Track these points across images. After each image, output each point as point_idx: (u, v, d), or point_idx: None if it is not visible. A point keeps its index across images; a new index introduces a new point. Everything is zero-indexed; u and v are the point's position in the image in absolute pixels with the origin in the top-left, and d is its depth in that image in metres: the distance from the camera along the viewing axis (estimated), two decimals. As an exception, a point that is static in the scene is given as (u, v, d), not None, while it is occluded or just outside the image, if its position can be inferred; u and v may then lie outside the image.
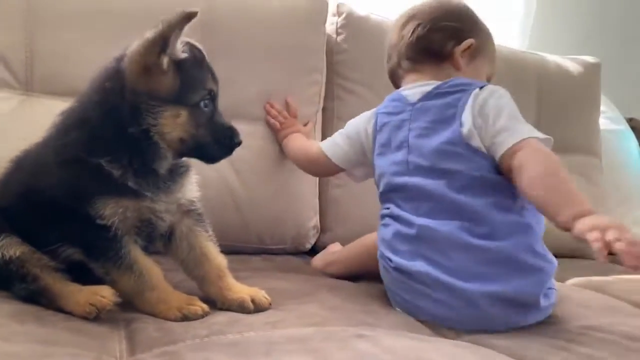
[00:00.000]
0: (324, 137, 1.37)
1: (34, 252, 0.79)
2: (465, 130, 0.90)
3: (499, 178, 0.88)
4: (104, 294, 0.75)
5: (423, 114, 0.96)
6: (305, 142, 1.24)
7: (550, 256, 0.89)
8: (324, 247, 1.33)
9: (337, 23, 1.41)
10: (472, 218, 0.87)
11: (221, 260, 0.86)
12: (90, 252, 0.78)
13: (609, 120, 1.87)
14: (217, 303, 0.83)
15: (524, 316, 0.85)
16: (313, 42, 1.33)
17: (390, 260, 0.92)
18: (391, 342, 0.70)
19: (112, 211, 0.76)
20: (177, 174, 0.83)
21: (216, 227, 1.17)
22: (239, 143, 0.83)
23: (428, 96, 0.97)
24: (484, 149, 0.89)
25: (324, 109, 1.39)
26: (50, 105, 1.03)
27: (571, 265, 1.46)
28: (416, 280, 0.88)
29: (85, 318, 0.74)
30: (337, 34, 1.41)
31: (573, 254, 1.57)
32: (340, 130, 1.11)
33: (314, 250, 1.34)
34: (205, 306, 0.80)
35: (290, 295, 0.91)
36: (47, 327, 0.69)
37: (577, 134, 1.68)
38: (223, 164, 1.18)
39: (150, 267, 0.80)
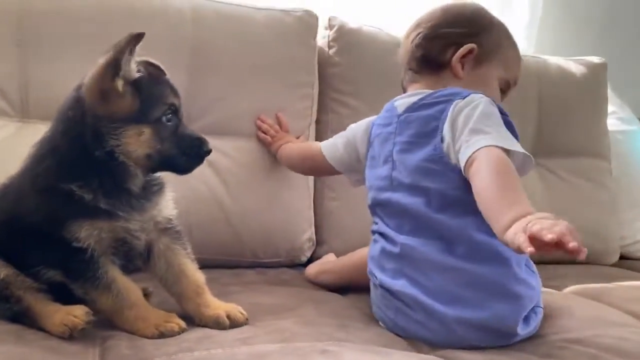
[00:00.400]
0: (317, 150, 1.40)
1: (18, 274, 0.82)
2: (444, 145, 0.86)
3: (472, 198, 0.82)
4: (77, 314, 0.78)
5: (406, 127, 0.93)
6: (301, 144, 1.26)
7: (534, 281, 0.88)
8: (320, 260, 1.35)
9: (328, 36, 1.43)
10: (451, 238, 0.85)
11: (199, 277, 0.88)
12: (69, 274, 0.81)
13: (620, 121, 1.82)
14: (195, 319, 0.85)
15: (501, 341, 0.84)
16: (302, 56, 1.35)
17: (376, 277, 0.93)
18: (352, 357, 0.71)
19: (86, 234, 0.79)
20: (150, 192, 0.86)
21: (209, 242, 1.23)
22: (209, 151, 0.85)
23: (412, 107, 0.94)
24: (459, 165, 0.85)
25: (317, 122, 1.41)
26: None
27: (575, 271, 1.43)
28: (398, 299, 0.89)
29: (61, 337, 0.77)
30: (329, 47, 1.42)
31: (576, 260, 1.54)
32: (341, 133, 1.11)
33: (310, 263, 1.35)
34: (182, 323, 0.82)
35: (271, 310, 0.93)
36: (25, 346, 0.73)
37: (583, 137, 1.64)
38: (212, 179, 1.24)
39: (128, 286, 0.82)
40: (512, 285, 0.83)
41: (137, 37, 0.76)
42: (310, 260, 1.36)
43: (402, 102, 0.97)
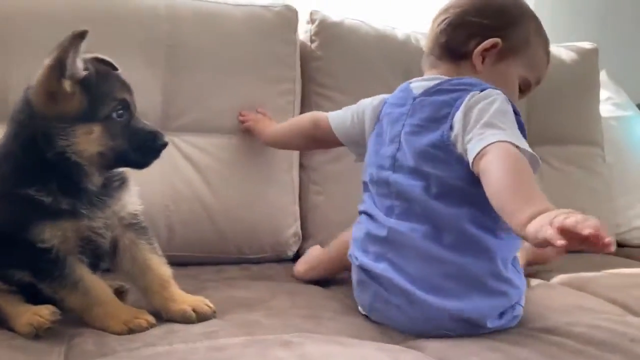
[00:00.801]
0: (301, 146, 1.40)
1: None
2: (453, 134, 0.84)
3: (478, 190, 0.80)
4: (42, 314, 0.79)
5: (419, 110, 0.90)
6: (290, 120, 1.26)
7: (518, 280, 0.86)
8: (307, 254, 1.35)
9: (310, 30, 1.43)
10: (442, 226, 0.84)
11: (164, 271, 0.88)
12: (36, 274, 0.82)
13: (615, 107, 1.79)
14: (162, 314, 0.85)
15: (471, 330, 0.83)
16: (283, 51, 1.35)
17: (357, 259, 0.92)
18: (312, 348, 0.71)
19: (50, 235, 0.79)
20: (111, 188, 0.86)
21: (193, 240, 1.24)
22: (164, 144, 0.85)
23: (429, 92, 0.91)
24: (465, 157, 0.82)
25: (301, 117, 1.41)
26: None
27: (568, 261, 1.41)
28: (377, 282, 0.88)
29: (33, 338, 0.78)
30: (311, 41, 1.42)
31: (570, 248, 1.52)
32: (350, 106, 1.10)
33: (298, 257, 1.35)
34: (151, 319, 0.82)
35: (243, 304, 0.93)
36: (-9, 345, 0.74)
37: (574, 124, 1.62)
38: (194, 177, 1.24)
39: (96, 284, 0.83)
40: (495, 282, 0.83)
41: (80, 36, 0.76)
42: (298, 254, 1.36)
43: (418, 84, 0.95)
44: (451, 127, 0.85)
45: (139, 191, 0.91)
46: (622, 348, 0.77)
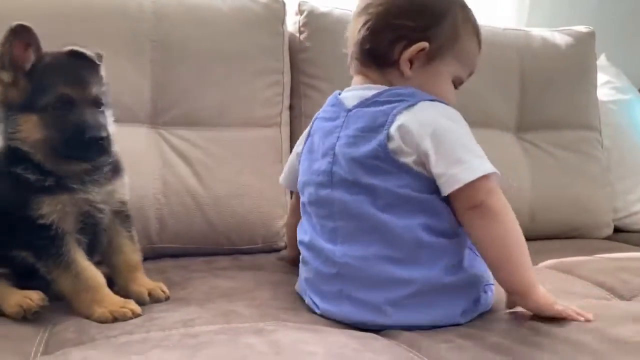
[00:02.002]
0: (292, 135, 1.41)
1: None
2: (393, 145, 0.81)
3: (429, 197, 0.80)
4: (32, 298, 0.83)
5: (354, 121, 0.86)
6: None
7: (478, 263, 0.84)
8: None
9: (299, 22, 1.43)
10: (393, 240, 0.80)
11: (134, 257, 0.94)
12: (35, 252, 0.85)
13: (615, 90, 1.77)
14: (120, 292, 0.90)
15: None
16: (270, 43, 1.36)
17: (318, 306, 0.87)
18: (283, 335, 0.72)
19: (49, 209, 0.83)
20: (102, 171, 0.89)
21: (184, 232, 1.25)
22: (96, 138, 0.84)
23: (365, 103, 0.87)
24: (413, 166, 0.81)
25: (291, 107, 1.42)
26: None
27: (564, 246, 1.41)
28: (345, 324, 0.84)
29: (16, 319, 0.82)
30: (300, 32, 1.43)
31: (567, 235, 1.52)
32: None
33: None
34: (137, 309, 0.84)
35: (226, 294, 0.95)
36: (-24, 331, 0.77)
37: (570, 109, 1.61)
38: (184, 170, 1.26)
39: (88, 268, 0.86)
40: (457, 280, 0.81)
41: (14, 30, 0.81)
42: (291, 245, 1.37)
43: (350, 94, 0.91)
44: (388, 137, 0.81)
45: (130, 183, 0.95)
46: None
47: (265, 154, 1.34)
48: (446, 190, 0.78)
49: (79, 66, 0.87)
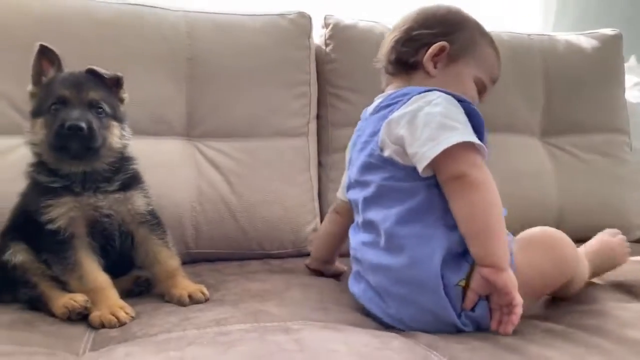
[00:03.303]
0: (319, 144, 1.47)
1: (34, 260, 0.95)
2: (381, 142, 0.90)
3: (410, 185, 0.85)
4: (77, 299, 0.90)
5: (366, 128, 0.96)
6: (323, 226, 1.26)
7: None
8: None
9: (325, 35, 1.49)
10: (378, 231, 0.88)
11: (172, 263, 1.01)
12: (50, 257, 0.94)
13: (645, 92, 1.76)
14: (165, 297, 0.98)
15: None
16: (298, 56, 1.42)
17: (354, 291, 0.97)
18: (308, 334, 0.77)
19: (57, 213, 0.91)
20: (111, 180, 0.97)
21: (218, 237, 1.32)
22: (75, 127, 0.90)
23: (376, 109, 0.97)
24: (397, 158, 0.87)
25: (318, 117, 1.47)
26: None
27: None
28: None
29: (67, 320, 0.89)
30: (326, 45, 1.48)
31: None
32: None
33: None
34: (123, 317, 0.88)
35: (258, 295, 1.01)
36: (29, 331, 0.84)
37: (596, 112, 1.61)
38: (217, 178, 1.33)
39: (91, 271, 0.93)
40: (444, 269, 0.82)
41: (40, 50, 0.95)
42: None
43: (372, 105, 1.01)
44: (380, 137, 0.90)
45: (159, 193, 1.05)
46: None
47: (293, 162, 1.40)
48: (419, 167, 0.83)
49: (86, 78, 0.96)
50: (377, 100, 1.00)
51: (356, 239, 0.96)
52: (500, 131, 1.48)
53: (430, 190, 0.85)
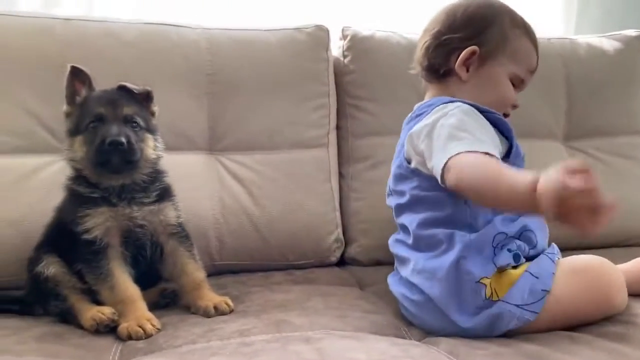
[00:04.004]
0: (340, 156, 1.48)
1: (66, 273, 0.99)
2: (407, 154, 0.96)
3: (435, 195, 0.91)
4: (104, 312, 0.93)
5: (401, 138, 1.02)
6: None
7: (503, 257, 0.86)
8: (352, 259, 1.42)
9: (343, 46, 1.50)
10: (408, 232, 0.96)
11: (197, 275, 1.04)
12: (84, 266, 0.97)
13: (670, 92, 1.71)
14: (191, 309, 1.01)
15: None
16: (316, 68, 1.44)
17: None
18: (329, 343, 0.79)
19: (93, 223, 0.95)
20: (146, 192, 1.01)
21: (241, 249, 1.34)
22: (115, 142, 0.94)
23: (409, 119, 1.02)
24: (422, 169, 0.93)
25: (338, 128, 1.48)
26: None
27: (613, 255, 1.38)
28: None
29: (95, 332, 0.92)
30: (344, 56, 1.50)
31: (621, 243, 1.49)
32: None
33: (343, 262, 1.44)
34: (150, 329, 0.90)
35: (281, 305, 1.03)
36: (59, 344, 0.87)
37: (619, 115, 1.58)
38: (239, 191, 1.35)
39: (122, 282, 0.95)
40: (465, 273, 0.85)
41: (71, 71, 1.00)
42: (343, 260, 1.43)
43: (410, 114, 1.04)
44: (406, 149, 0.96)
45: (187, 206, 1.08)
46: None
47: (314, 173, 1.41)
48: (438, 180, 0.85)
49: (119, 95, 1.00)
50: (414, 108, 1.04)
51: (392, 237, 1.04)
52: (522, 136, 1.43)
53: (455, 198, 0.88)
